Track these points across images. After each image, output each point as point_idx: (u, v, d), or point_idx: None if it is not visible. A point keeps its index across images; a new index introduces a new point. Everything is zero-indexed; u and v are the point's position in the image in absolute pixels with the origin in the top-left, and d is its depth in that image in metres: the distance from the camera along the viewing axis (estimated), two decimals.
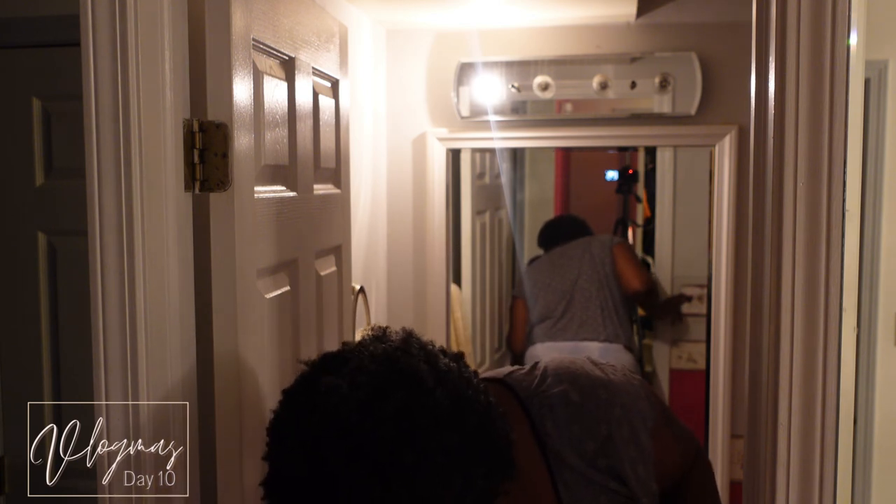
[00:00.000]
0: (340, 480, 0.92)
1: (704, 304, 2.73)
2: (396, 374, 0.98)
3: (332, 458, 0.93)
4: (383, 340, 1.04)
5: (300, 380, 1.03)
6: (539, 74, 2.62)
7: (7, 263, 1.97)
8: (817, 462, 1.07)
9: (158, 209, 1.18)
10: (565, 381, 1.17)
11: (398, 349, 1.01)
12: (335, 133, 1.78)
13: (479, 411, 1.01)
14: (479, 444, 1.00)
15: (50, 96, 1.93)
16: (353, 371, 0.98)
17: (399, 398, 0.95)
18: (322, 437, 0.94)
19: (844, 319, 1.06)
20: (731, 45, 2.50)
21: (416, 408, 0.96)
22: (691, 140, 2.64)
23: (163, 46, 1.17)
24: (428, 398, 0.97)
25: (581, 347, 3.00)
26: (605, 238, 3.18)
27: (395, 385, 0.96)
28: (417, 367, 0.99)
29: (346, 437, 0.93)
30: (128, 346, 1.17)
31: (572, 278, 3.07)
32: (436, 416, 0.96)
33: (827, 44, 1.03)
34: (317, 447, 0.94)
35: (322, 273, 1.68)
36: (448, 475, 0.95)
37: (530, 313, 3.13)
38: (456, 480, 0.96)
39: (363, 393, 0.95)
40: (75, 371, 1.94)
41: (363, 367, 0.98)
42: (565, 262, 3.12)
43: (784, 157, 1.06)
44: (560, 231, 3.30)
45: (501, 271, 3.30)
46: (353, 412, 0.94)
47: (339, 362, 1.01)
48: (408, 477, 0.93)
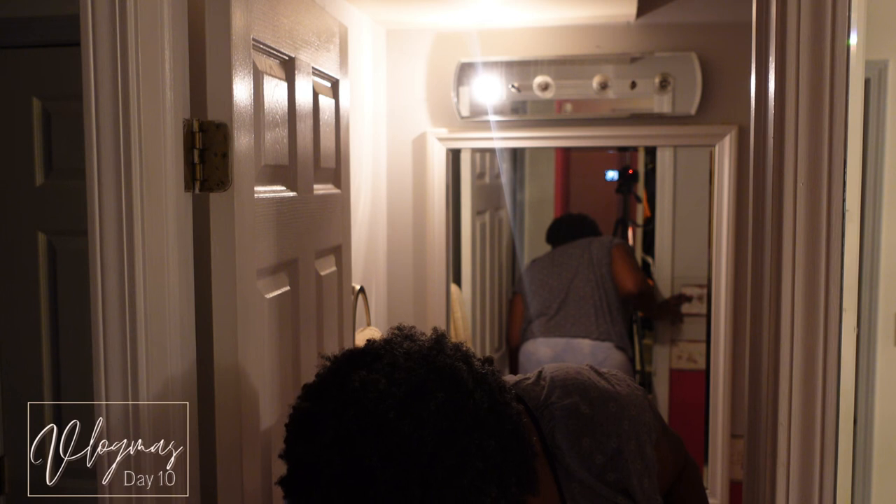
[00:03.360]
0: (378, 481, 0.88)
1: (704, 304, 2.73)
2: (435, 374, 0.94)
3: (369, 457, 0.88)
4: (413, 339, 1.01)
5: (328, 374, 0.98)
6: (539, 74, 2.62)
7: (7, 263, 1.97)
8: (817, 462, 1.07)
9: (158, 209, 1.18)
10: (574, 392, 1.14)
11: (433, 348, 0.98)
12: (335, 133, 1.78)
13: (513, 418, 0.99)
14: (514, 451, 0.97)
15: (50, 96, 1.93)
16: (388, 367, 0.94)
17: (439, 398, 0.91)
18: (359, 434, 0.89)
19: (844, 319, 1.06)
20: (731, 45, 2.50)
21: (457, 409, 0.92)
22: (691, 140, 2.64)
23: (163, 46, 1.17)
24: (468, 400, 0.94)
25: (573, 344, 3.02)
26: (605, 239, 3.20)
27: (435, 384, 0.92)
28: (456, 366, 0.96)
29: (386, 435, 0.89)
30: (128, 346, 1.17)
31: (569, 276, 3.09)
32: (476, 419, 0.93)
33: (827, 44, 1.03)
34: (352, 444, 0.89)
35: (322, 273, 1.68)
36: (486, 481, 0.92)
37: (527, 309, 3.15)
38: (492, 487, 0.92)
39: (402, 391, 0.91)
40: (75, 371, 1.94)
41: (398, 364, 0.94)
42: (565, 260, 3.15)
43: (784, 157, 1.06)
44: (565, 229, 3.32)
45: (501, 271, 3.31)
46: (391, 410, 0.90)
47: (371, 358, 0.97)
48: (447, 480, 0.89)
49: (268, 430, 1.41)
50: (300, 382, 1.55)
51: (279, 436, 1.28)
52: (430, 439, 0.89)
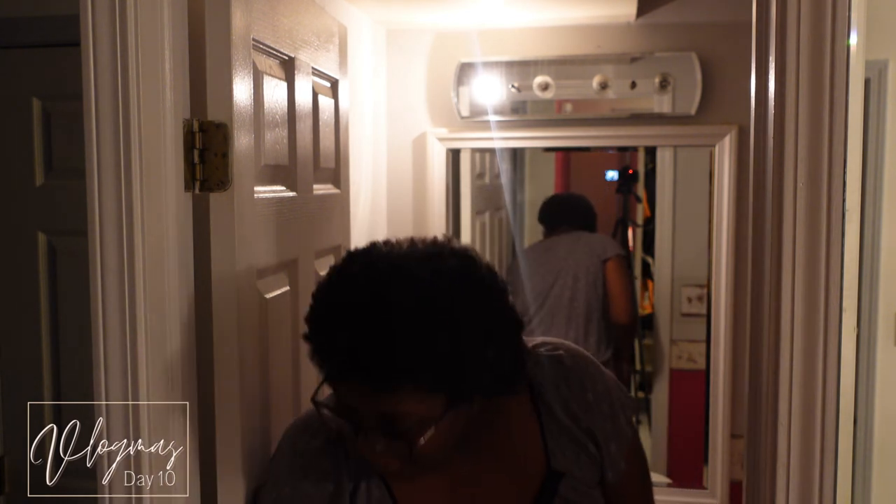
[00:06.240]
0: (400, 318, 0.98)
1: (704, 304, 2.73)
2: (449, 248, 1.07)
3: (395, 295, 0.99)
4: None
5: (352, 251, 1.09)
6: (539, 74, 2.62)
7: (7, 263, 1.97)
8: (817, 462, 1.07)
9: (158, 209, 1.18)
10: (561, 348, 1.24)
11: (445, 240, 1.10)
12: (335, 133, 1.78)
13: (514, 309, 1.10)
14: (512, 333, 1.09)
15: (50, 96, 1.93)
16: (409, 243, 1.07)
17: (455, 263, 1.04)
18: (386, 279, 1.00)
19: (844, 319, 1.06)
20: (731, 45, 2.50)
21: (470, 273, 1.05)
22: (691, 140, 2.64)
23: (163, 46, 1.17)
24: (478, 270, 1.07)
25: None
26: (596, 244, 3.02)
27: (450, 254, 1.05)
28: (466, 247, 1.10)
29: (409, 280, 1.00)
30: (128, 346, 1.17)
31: (550, 281, 2.93)
32: (486, 286, 1.06)
33: (827, 44, 1.03)
34: (380, 285, 1.00)
35: (322, 273, 1.68)
36: (489, 340, 1.03)
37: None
38: (491, 350, 1.03)
39: (422, 253, 1.05)
40: (75, 371, 1.94)
41: (416, 242, 1.08)
42: (549, 258, 2.98)
43: (784, 157, 1.05)
44: (557, 212, 3.11)
45: (501, 271, 3.30)
46: (413, 262, 1.02)
47: (389, 243, 1.08)
48: (458, 324, 1.00)
49: (268, 429, 1.41)
50: (300, 382, 1.56)
51: (279, 436, 1.29)
52: (447, 287, 1.01)
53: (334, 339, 1.01)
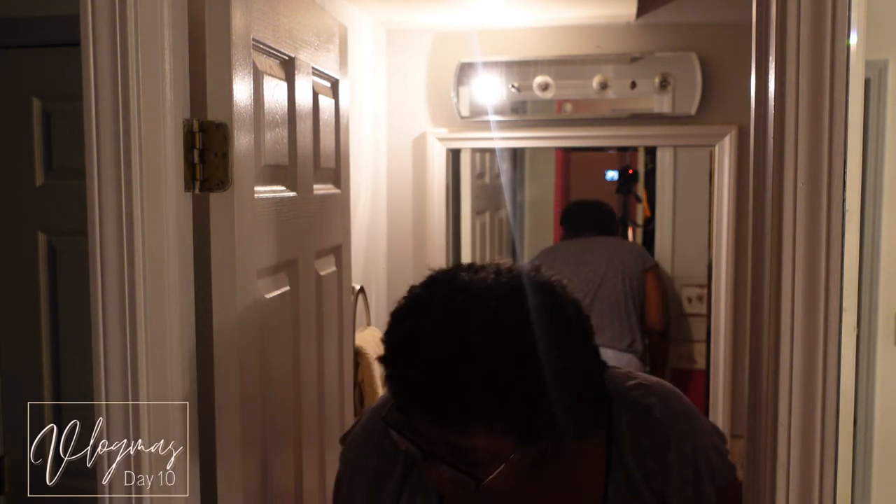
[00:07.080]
0: (476, 356, 0.95)
1: (704, 304, 2.73)
2: (533, 284, 1.03)
3: (472, 333, 0.96)
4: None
5: (437, 272, 1.07)
6: (539, 74, 2.62)
7: (7, 263, 1.97)
8: (817, 462, 1.07)
9: (158, 209, 1.18)
10: (656, 396, 1.16)
11: (531, 270, 1.07)
12: (335, 133, 1.78)
13: (596, 350, 1.08)
14: (593, 375, 1.07)
15: (50, 96, 1.93)
16: (493, 273, 1.03)
17: (537, 301, 1.01)
18: (466, 315, 0.98)
19: (844, 319, 1.06)
20: (731, 45, 2.50)
21: (553, 314, 1.02)
22: (691, 140, 2.64)
23: (163, 46, 1.17)
24: (561, 310, 1.03)
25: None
26: (639, 252, 3.09)
27: (533, 290, 1.02)
28: (552, 281, 1.06)
29: (489, 318, 0.97)
30: (128, 346, 1.17)
31: (597, 280, 2.97)
32: (567, 326, 1.03)
33: (827, 44, 1.03)
34: (459, 321, 0.97)
35: (322, 273, 1.68)
36: (568, 384, 1.00)
37: None
38: (569, 394, 1.00)
39: (505, 289, 1.00)
40: (75, 371, 1.94)
41: (501, 272, 1.03)
42: (589, 257, 3.02)
43: (784, 157, 1.05)
44: (586, 218, 3.20)
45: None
46: (495, 300, 0.99)
47: (473, 269, 1.05)
48: (541, 372, 0.97)
49: (268, 429, 1.41)
50: (300, 382, 1.56)
51: (279, 436, 1.29)
52: (528, 332, 0.98)
53: (406, 373, 0.99)
